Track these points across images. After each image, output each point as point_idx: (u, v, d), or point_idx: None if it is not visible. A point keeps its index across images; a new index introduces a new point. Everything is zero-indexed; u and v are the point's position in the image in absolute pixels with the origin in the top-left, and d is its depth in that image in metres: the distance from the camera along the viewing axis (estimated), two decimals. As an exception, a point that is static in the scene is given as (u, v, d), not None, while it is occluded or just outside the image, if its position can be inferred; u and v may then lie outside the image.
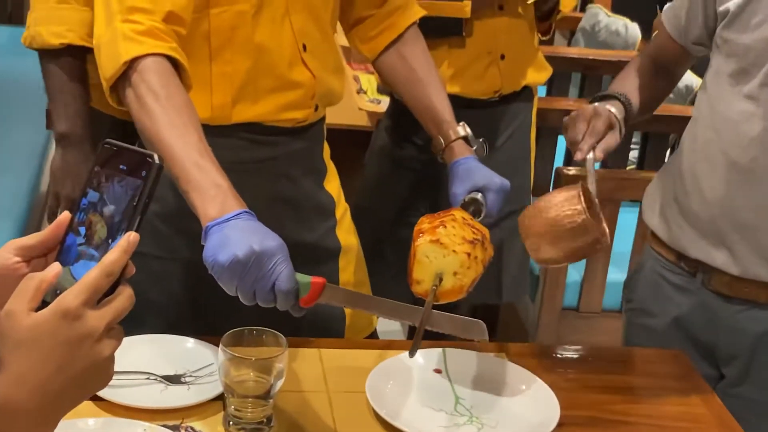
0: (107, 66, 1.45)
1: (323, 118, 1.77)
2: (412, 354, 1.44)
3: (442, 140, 1.72)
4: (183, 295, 1.70)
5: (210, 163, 1.37)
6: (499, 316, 3.03)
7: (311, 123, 1.71)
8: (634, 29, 3.75)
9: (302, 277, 1.35)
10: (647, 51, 1.91)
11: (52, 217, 2.05)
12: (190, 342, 1.56)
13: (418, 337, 1.41)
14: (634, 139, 3.20)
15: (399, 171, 2.36)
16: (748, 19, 1.64)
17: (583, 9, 4.09)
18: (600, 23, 3.85)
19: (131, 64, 1.42)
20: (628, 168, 3.16)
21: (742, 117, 1.66)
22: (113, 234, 0.96)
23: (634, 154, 3.19)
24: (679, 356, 1.72)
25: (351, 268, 1.82)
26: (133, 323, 1.04)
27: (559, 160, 3.16)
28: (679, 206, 1.77)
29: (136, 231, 0.96)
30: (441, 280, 1.44)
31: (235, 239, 1.30)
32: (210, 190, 1.34)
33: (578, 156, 1.65)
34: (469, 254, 1.44)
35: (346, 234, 1.82)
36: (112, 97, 1.48)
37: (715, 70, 1.72)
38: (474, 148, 1.72)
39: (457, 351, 1.62)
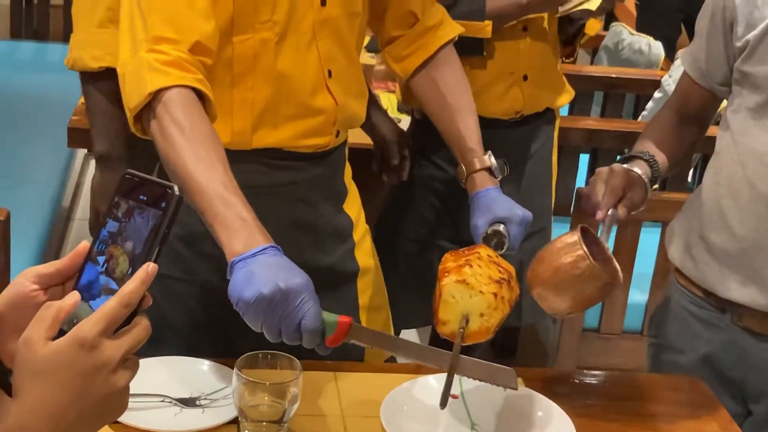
0: (132, 96, 1.44)
1: (345, 141, 1.76)
2: (443, 405, 1.40)
3: (464, 169, 1.71)
4: (203, 317, 1.69)
5: (235, 197, 1.36)
6: (519, 338, 3.01)
7: (333, 148, 1.70)
8: (657, 47, 3.73)
9: (328, 316, 1.34)
10: (669, 103, 1.87)
11: (93, 231, 2.10)
12: (205, 364, 1.56)
13: (447, 387, 1.39)
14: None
15: (419, 190, 2.35)
16: (766, 51, 1.62)
17: (606, 27, 4.07)
18: (623, 41, 3.83)
19: (156, 95, 1.41)
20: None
21: None
22: (132, 264, 0.97)
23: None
24: (697, 383, 1.70)
25: (369, 291, 1.81)
26: (153, 344, 1.03)
27: (580, 180, 3.14)
28: (705, 243, 1.74)
29: (155, 262, 0.97)
30: (468, 321, 1.43)
31: (260, 276, 1.29)
32: (235, 224, 1.34)
33: (598, 216, 1.62)
34: (495, 294, 1.43)
35: (366, 256, 1.81)
36: (136, 126, 1.47)
37: (736, 104, 1.70)
38: (498, 178, 1.70)
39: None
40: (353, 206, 1.80)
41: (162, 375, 1.52)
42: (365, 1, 1.70)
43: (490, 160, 1.70)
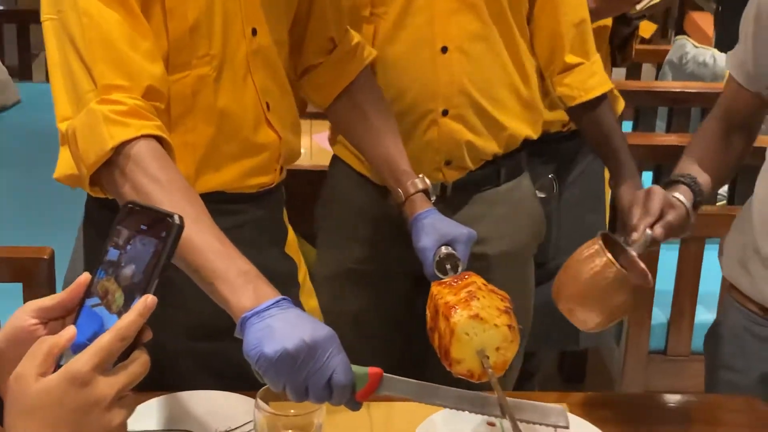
0: (88, 153, 1.32)
1: (283, 180, 1.68)
2: None
3: (401, 192, 1.64)
4: (146, 382, 1.59)
5: (231, 249, 1.28)
6: (587, 363, 2.93)
7: (275, 186, 1.63)
8: (721, 60, 3.63)
9: (358, 369, 1.26)
10: (714, 114, 1.78)
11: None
12: (232, 397, 1.52)
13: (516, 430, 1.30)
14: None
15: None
16: None
17: (671, 41, 3.98)
18: (687, 55, 3.74)
19: (118, 149, 1.31)
20: (718, 204, 3.03)
21: None
22: (131, 295, 0.95)
23: (723, 189, 3.06)
24: (755, 403, 1.61)
25: None
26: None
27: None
28: (760, 257, 1.66)
29: (154, 294, 0.95)
30: (488, 357, 1.37)
31: (281, 330, 1.20)
32: (239, 279, 1.25)
33: (634, 236, 1.55)
34: (510, 326, 1.37)
35: (309, 298, 1.75)
36: (92, 187, 1.38)
37: None
38: (433, 200, 1.64)
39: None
40: (293, 247, 1.74)
41: (187, 409, 1.49)
42: (287, 30, 1.64)
43: (425, 182, 1.64)
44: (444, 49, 1.86)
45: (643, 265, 1.45)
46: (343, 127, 1.77)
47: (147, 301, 0.93)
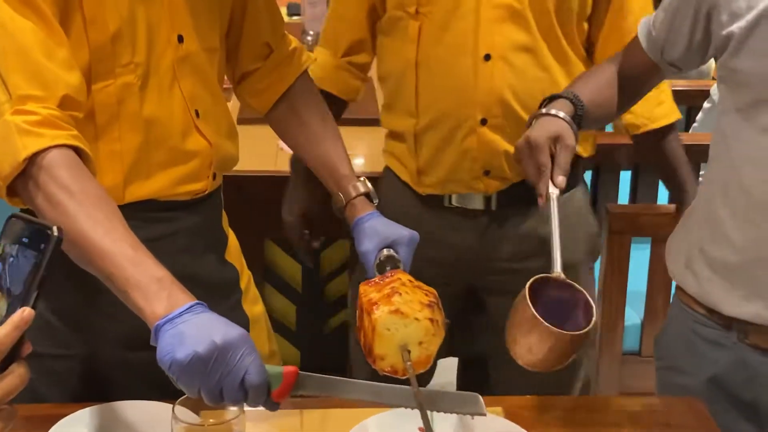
0: (2, 164, 1.31)
1: (220, 186, 1.67)
2: None
3: (342, 197, 1.63)
4: (84, 395, 1.59)
5: (145, 256, 1.27)
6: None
7: (210, 193, 1.62)
8: (708, 56, 3.58)
9: (272, 369, 1.25)
10: (611, 60, 1.76)
11: None
12: (160, 407, 1.49)
13: (428, 426, 1.30)
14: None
15: None
16: (756, 45, 1.49)
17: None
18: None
19: (32, 159, 1.30)
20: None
21: (764, 153, 1.52)
22: (13, 308, 0.95)
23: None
24: (695, 404, 1.59)
25: (262, 339, 1.74)
26: None
27: (623, 197, 3.00)
28: (705, 257, 1.63)
29: (33, 308, 0.94)
30: (408, 352, 1.35)
31: (192, 335, 1.19)
32: (152, 286, 1.23)
33: (540, 202, 1.53)
34: (431, 320, 1.35)
35: (253, 305, 1.74)
36: (11, 198, 1.36)
37: (724, 105, 1.59)
38: (376, 203, 1.63)
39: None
40: (234, 254, 1.72)
41: (117, 419, 1.48)
42: (222, 36, 1.63)
43: (366, 185, 1.63)
44: (487, 57, 1.86)
45: (586, 295, 1.46)
46: (283, 133, 1.76)
47: (24, 313, 0.92)
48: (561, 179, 1.54)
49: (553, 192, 1.53)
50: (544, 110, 1.61)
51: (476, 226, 1.99)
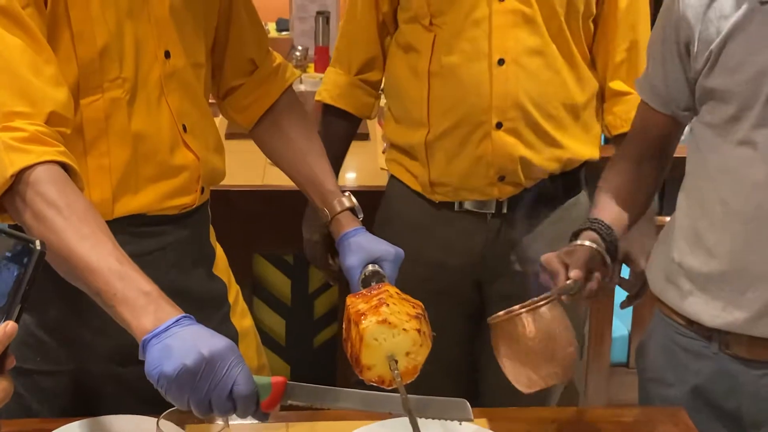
0: None
1: (208, 200, 1.69)
2: None
3: (327, 212, 1.63)
4: (74, 410, 1.59)
5: (132, 270, 1.27)
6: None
7: (197, 207, 1.63)
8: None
9: (260, 379, 1.26)
10: (624, 150, 1.75)
11: None
12: (150, 421, 1.50)
13: (416, 430, 1.31)
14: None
15: None
16: (727, 62, 1.52)
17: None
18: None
19: (19, 176, 1.30)
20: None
21: (740, 163, 1.54)
22: None
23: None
24: (679, 415, 1.60)
25: (252, 353, 1.74)
26: None
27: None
28: (684, 270, 1.65)
29: (16, 321, 0.95)
30: (396, 362, 1.36)
31: (179, 348, 1.20)
32: (139, 300, 1.24)
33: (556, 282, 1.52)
34: (419, 330, 1.36)
35: (241, 318, 1.75)
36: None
37: (699, 122, 1.61)
38: (361, 218, 1.63)
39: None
40: (222, 268, 1.74)
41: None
42: (207, 52, 1.65)
43: (351, 200, 1.64)
44: (501, 62, 1.89)
45: (567, 333, 1.47)
46: (268, 149, 1.77)
47: (6, 327, 0.93)
48: (577, 273, 1.52)
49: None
50: (578, 242, 1.59)
51: (488, 229, 2.03)
